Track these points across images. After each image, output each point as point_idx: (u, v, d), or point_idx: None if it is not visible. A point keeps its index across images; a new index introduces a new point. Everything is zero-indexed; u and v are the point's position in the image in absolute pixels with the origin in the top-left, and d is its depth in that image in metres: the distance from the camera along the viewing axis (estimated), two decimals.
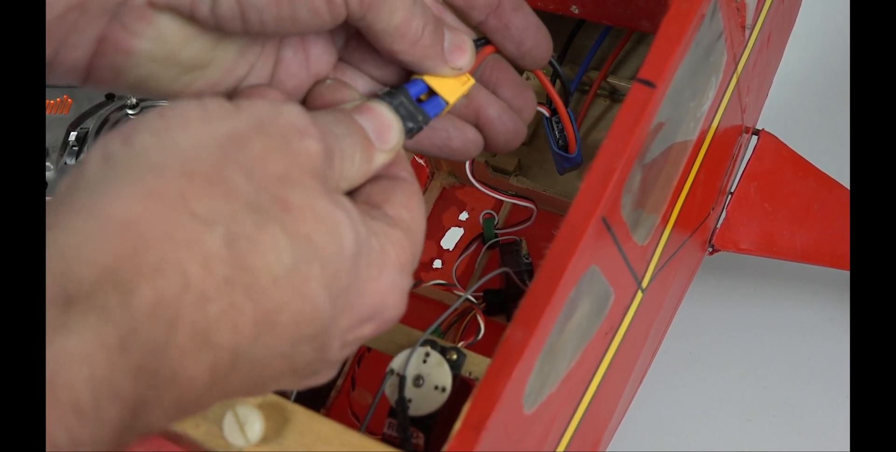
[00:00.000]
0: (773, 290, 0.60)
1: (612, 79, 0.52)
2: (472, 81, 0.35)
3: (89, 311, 0.21)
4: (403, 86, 0.34)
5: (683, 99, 0.37)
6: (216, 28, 0.31)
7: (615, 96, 0.53)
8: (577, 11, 0.45)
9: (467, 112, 0.37)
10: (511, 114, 0.37)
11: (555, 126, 0.44)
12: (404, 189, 0.31)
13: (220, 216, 0.24)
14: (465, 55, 0.35)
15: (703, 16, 0.34)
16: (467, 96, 0.36)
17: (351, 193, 0.30)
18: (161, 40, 0.30)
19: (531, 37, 0.37)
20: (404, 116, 0.33)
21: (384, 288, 0.28)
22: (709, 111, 0.41)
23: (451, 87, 0.35)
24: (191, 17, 0.30)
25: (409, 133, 0.33)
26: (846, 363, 0.56)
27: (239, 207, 0.24)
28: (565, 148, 0.44)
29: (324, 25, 0.31)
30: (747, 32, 0.42)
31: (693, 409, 0.57)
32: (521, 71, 0.42)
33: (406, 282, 0.30)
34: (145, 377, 0.22)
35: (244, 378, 0.25)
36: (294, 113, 0.27)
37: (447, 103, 0.34)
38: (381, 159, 0.31)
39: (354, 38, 0.35)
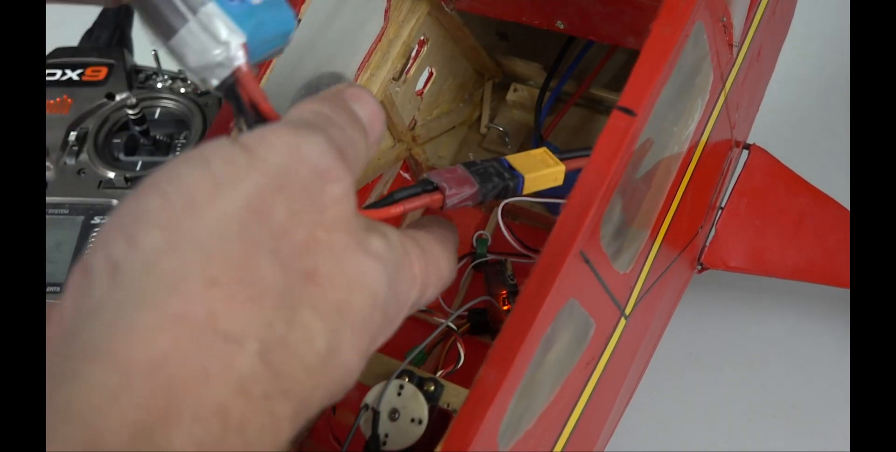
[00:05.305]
0: (773, 290, 0.59)
1: (593, 90, 0.51)
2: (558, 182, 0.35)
3: None
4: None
5: (667, 122, 0.36)
6: None
7: (597, 107, 0.52)
8: (562, 26, 0.44)
9: None
10: None
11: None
12: None
13: (252, 328, 0.22)
14: None
15: (685, 39, 0.33)
16: None
17: None
18: None
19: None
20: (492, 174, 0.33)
21: (406, 310, 0.28)
22: (695, 132, 0.40)
23: (538, 178, 0.34)
24: None
25: (494, 190, 0.33)
26: (846, 363, 0.55)
27: (269, 308, 0.22)
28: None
29: None
30: (735, 50, 0.41)
31: (693, 409, 0.56)
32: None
33: (419, 301, 0.29)
34: None
35: None
36: (315, 151, 0.25)
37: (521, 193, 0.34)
38: (373, 150, 0.29)
39: None
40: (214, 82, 0.28)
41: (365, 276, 0.25)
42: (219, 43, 0.27)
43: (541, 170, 0.34)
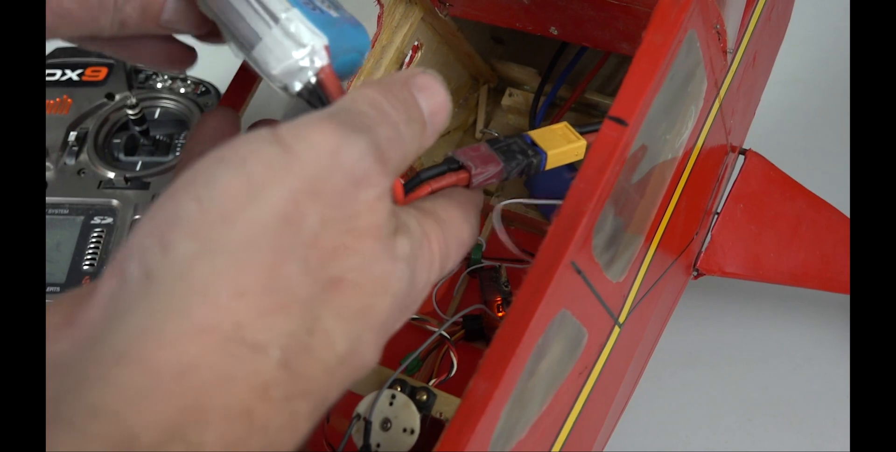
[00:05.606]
0: (774, 290, 0.59)
1: (587, 94, 0.51)
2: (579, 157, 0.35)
3: None
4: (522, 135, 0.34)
5: (660, 130, 0.36)
6: None
7: (591, 111, 0.52)
8: (556, 32, 0.44)
9: None
10: None
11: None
12: None
13: (276, 336, 0.23)
14: None
15: (678, 47, 0.33)
16: None
17: None
18: None
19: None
20: (516, 151, 0.33)
21: (425, 293, 0.28)
22: (689, 138, 0.40)
23: (560, 154, 0.34)
24: None
25: (518, 167, 0.33)
26: (846, 363, 0.55)
27: (295, 316, 0.23)
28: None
29: None
30: (730, 56, 0.41)
31: (693, 409, 0.56)
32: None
33: (439, 278, 0.29)
34: None
35: None
36: (355, 156, 0.24)
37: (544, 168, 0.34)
38: (428, 143, 0.29)
39: None
40: (298, 86, 0.28)
41: (390, 280, 0.25)
42: (301, 46, 0.28)
43: (563, 146, 0.34)
